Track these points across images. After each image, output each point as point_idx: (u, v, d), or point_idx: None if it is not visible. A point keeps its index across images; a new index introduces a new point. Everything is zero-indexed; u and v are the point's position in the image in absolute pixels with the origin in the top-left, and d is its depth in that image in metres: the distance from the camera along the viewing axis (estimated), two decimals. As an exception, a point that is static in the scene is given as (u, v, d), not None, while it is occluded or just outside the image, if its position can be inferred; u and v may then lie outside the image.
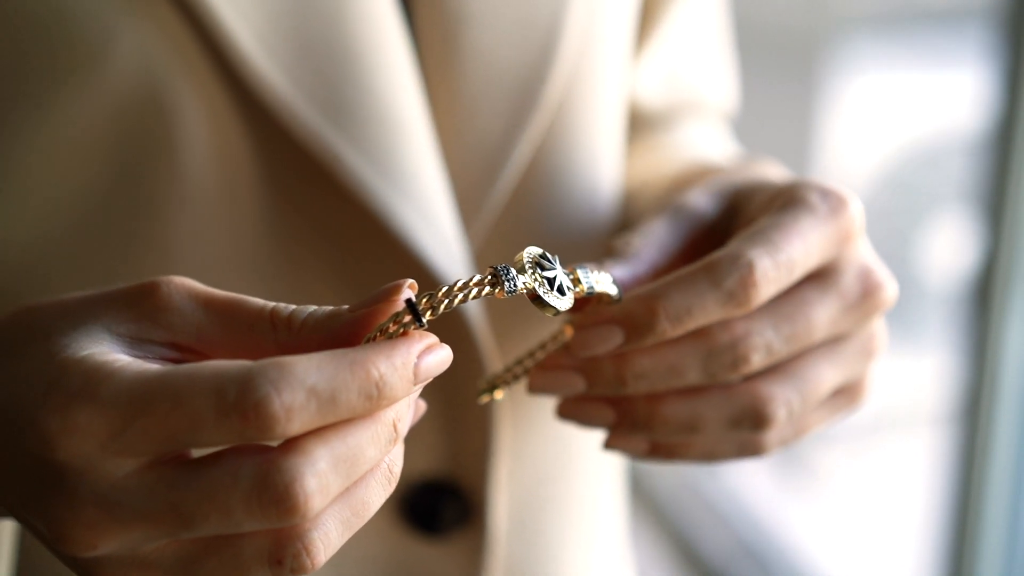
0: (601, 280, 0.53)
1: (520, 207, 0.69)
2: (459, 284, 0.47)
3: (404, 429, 0.47)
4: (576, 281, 0.52)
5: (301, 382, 0.42)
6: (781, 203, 0.57)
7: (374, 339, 0.46)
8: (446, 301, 0.46)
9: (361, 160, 0.61)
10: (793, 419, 0.58)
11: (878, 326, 0.61)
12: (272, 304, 0.48)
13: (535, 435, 0.74)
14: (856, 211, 0.57)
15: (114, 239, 0.62)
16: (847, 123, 2.33)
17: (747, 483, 2.30)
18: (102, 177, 0.61)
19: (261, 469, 0.43)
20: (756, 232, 0.55)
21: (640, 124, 0.83)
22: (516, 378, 0.59)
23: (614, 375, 0.56)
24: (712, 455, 0.60)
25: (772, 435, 0.59)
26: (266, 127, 0.61)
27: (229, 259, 0.63)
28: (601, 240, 0.73)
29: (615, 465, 0.84)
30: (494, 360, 0.67)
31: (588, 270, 0.53)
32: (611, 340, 0.55)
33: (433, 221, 0.63)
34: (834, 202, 0.57)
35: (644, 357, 0.56)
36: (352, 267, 0.65)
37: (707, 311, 0.54)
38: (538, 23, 0.65)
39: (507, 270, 0.48)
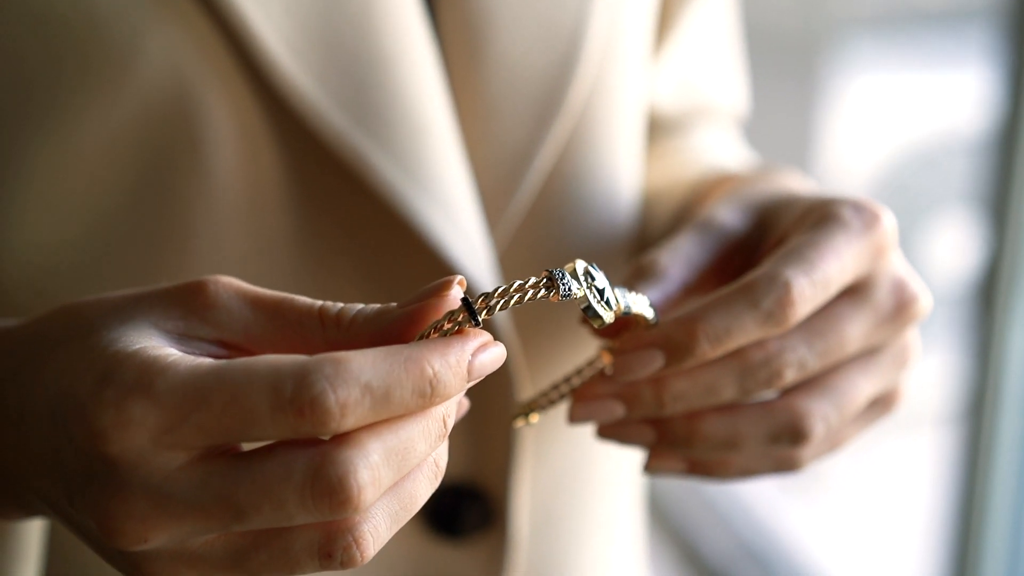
0: (637, 302, 0.53)
1: (544, 210, 0.69)
2: (515, 285, 0.47)
3: (452, 424, 0.47)
4: (609, 301, 0.52)
5: (356, 379, 0.42)
6: (814, 220, 0.58)
7: (428, 336, 0.46)
8: (502, 301, 0.47)
9: (389, 163, 0.61)
10: (830, 433, 0.58)
11: (912, 336, 0.61)
12: (320, 302, 0.48)
13: (557, 440, 0.74)
14: (889, 225, 0.58)
15: (141, 242, 0.62)
16: (848, 124, 2.33)
17: (749, 484, 2.30)
18: (130, 180, 0.61)
19: (314, 462, 0.43)
20: (791, 251, 0.56)
21: (655, 129, 0.83)
22: (552, 403, 0.59)
23: (653, 398, 0.56)
24: (749, 471, 0.61)
25: (808, 450, 0.59)
26: (293, 130, 0.61)
27: (256, 262, 0.63)
28: (623, 244, 0.74)
29: (634, 470, 0.84)
30: (520, 365, 0.67)
31: (624, 291, 0.53)
32: (652, 364, 0.55)
33: (459, 224, 0.63)
34: (867, 217, 0.57)
35: (681, 379, 0.56)
36: (379, 270, 0.65)
37: (746, 332, 0.54)
38: (562, 28, 0.66)
39: (562, 274, 0.48)
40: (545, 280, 0.48)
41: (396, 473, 0.45)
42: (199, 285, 0.48)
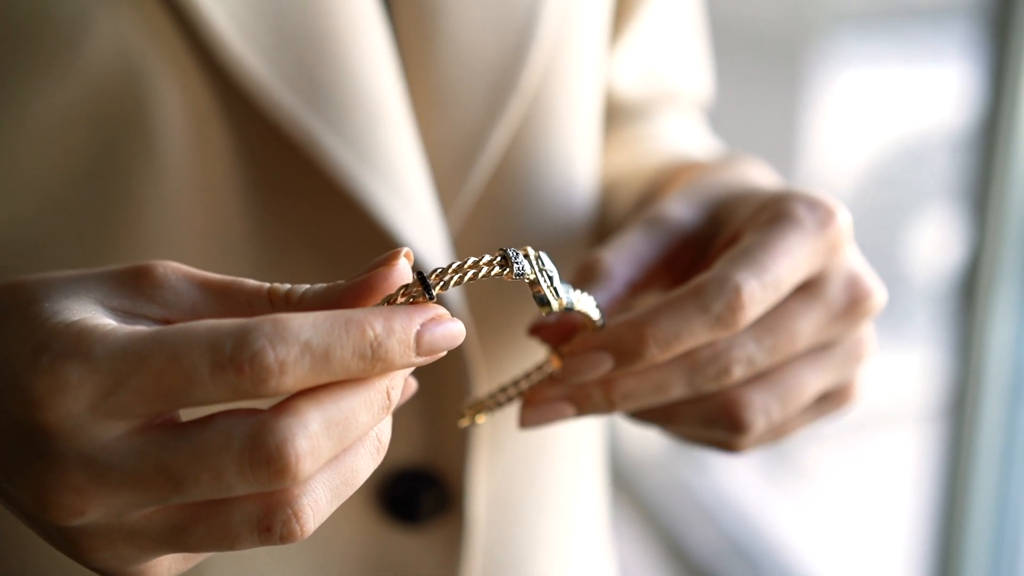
0: (583, 300, 0.53)
1: (498, 193, 0.69)
2: (470, 262, 0.47)
3: (396, 397, 0.46)
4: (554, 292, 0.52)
5: (296, 337, 0.42)
6: (768, 217, 0.57)
7: (392, 301, 0.46)
8: (456, 276, 0.46)
9: (340, 144, 0.61)
10: (772, 425, 0.58)
11: (866, 331, 0.61)
12: (269, 284, 0.48)
13: (513, 426, 0.74)
14: (844, 221, 0.57)
15: (92, 222, 0.62)
16: (833, 119, 2.33)
17: (735, 480, 2.30)
18: (79, 160, 0.60)
19: (253, 430, 0.42)
20: (742, 252, 0.55)
21: (617, 115, 0.83)
22: (500, 405, 0.59)
23: (603, 399, 0.56)
24: (685, 440, 0.61)
25: (748, 438, 0.59)
26: (244, 111, 0.61)
27: (206, 242, 0.63)
28: (579, 229, 0.73)
29: (595, 456, 0.84)
30: (475, 351, 0.67)
31: (570, 288, 0.53)
32: (601, 366, 0.55)
33: (411, 205, 0.63)
34: (821, 214, 0.57)
35: (630, 379, 0.56)
36: (332, 251, 0.65)
37: (695, 335, 0.54)
38: (515, 11, 0.66)
39: (516, 254, 0.48)
40: (499, 258, 0.48)
41: (337, 444, 0.44)
42: (146, 267, 0.48)
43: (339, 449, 0.45)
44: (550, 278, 0.50)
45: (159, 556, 0.46)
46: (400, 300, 0.46)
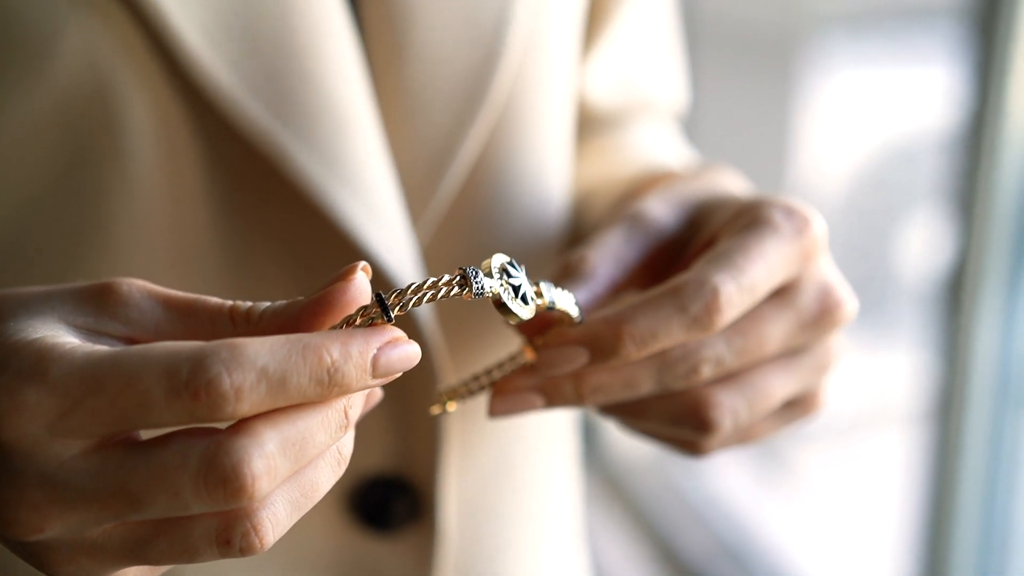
0: (563, 298, 0.54)
1: (468, 203, 0.69)
2: (429, 282, 0.47)
3: (355, 416, 0.47)
4: (539, 294, 0.52)
5: (252, 363, 0.42)
6: (745, 222, 0.57)
7: (344, 325, 0.46)
8: (415, 297, 0.47)
9: (308, 155, 0.61)
10: (739, 427, 0.59)
11: (835, 340, 0.61)
12: (231, 302, 0.48)
13: (484, 433, 0.74)
14: (819, 230, 0.58)
15: (64, 231, 0.62)
16: (824, 121, 2.33)
17: (726, 482, 2.30)
18: (48, 170, 0.61)
19: (209, 450, 0.43)
20: (721, 255, 0.56)
21: (591, 124, 0.83)
22: (471, 393, 0.59)
23: (573, 391, 0.57)
24: (657, 442, 0.61)
25: (713, 440, 0.59)
26: (213, 122, 0.61)
27: (176, 250, 0.63)
28: (551, 239, 0.73)
29: (568, 461, 0.84)
30: (443, 358, 0.67)
31: (551, 285, 0.53)
32: (576, 360, 0.55)
33: (380, 216, 0.63)
34: (798, 222, 0.57)
35: (601, 373, 0.56)
36: (299, 261, 0.65)
37: (672, 335, 0.54)
38: (484, 21, 0.66)
39: (475, 272, 0.48)
40: (459, 278, 0.48)
41: (294, 463, 0.44)
42: (110, 285, 0.48)
43: (296, 468, 0.45)
44: (515, 289, 0.50)
45: (122, 569, 0.47)
46: (359, 321, 0.46)
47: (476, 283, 0.48)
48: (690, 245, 0.62)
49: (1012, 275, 1.44)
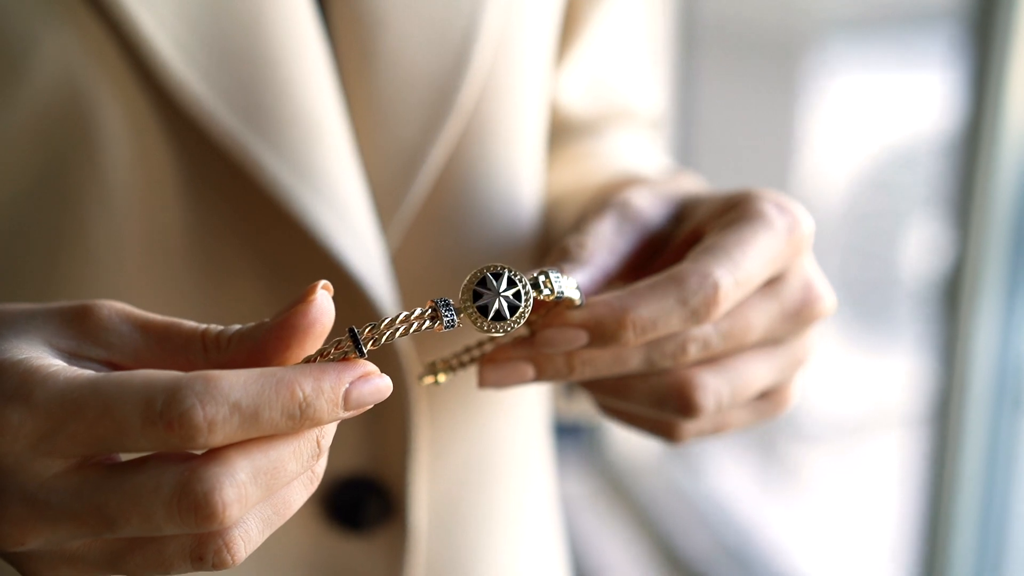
0: (568, 285, 0.55)
1: (437, 208, 0.70)
2: (401, 317, 0.49)
3: (327, 443, 0.48)
4: (547, 284, 0.53)
5: (226, 397, 0.44)
6: (739, 215, 0.59)
7: (314, 360, 0.47)
8: (387, 333, 0.48)
9: (278, 163, 0.62)
10: (720, 411, 0.60)
11: (811, 336, 0.63)
12: (203, 327, 0.49)
13: (455, 436, 0.75)
14: (808, 228, 0.59)
15: (40, 239, 0.63)
16: (826, 124, 2.34)
17: (728, 483, 2.31)
18: (24, 177, 0.62)
19: (183, 477, 0.44)
20: (719, 248, 0.57)
21: (566, 132, 0.84)
22: (462, 365, 0.60)
23: (564, 365, 0.58)
24: (633, 424, 0.62)
25: (692, 425, 0.61)
26: (186, 131, 0.62)
27: (150, 257, 0.64)
28: (522, 245, 0.74)
29: (543, 466, 0.85)
30: (412, 359, 0.68)
31: (559, 275, 0.54)
32: (576, 342, 0.56)
33: (350, 222, 0.64)
34: (790, 218, 0.59)
35: (593, 349, 0.57)
36: (272, 267, 0.66)
37: (670, 326, 0.56)
38: (453, 29, 0.67)
39: (447, 305, 0.50)
40: (430, 311, 0.49)
41: (265, 491, 0.46)
42: (88, 308, 0.50)
43: (267, 495, 0.46)
44: (482, 311, 0.51)
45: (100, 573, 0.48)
46: (333, 353, 0.47)
47: (447, 316, 0.49)
48: (672, 238, 0.63)
49: (1010, 279, 1.44)
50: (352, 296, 0.64)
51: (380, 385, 0.47)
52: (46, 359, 0.46)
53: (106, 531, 0.45)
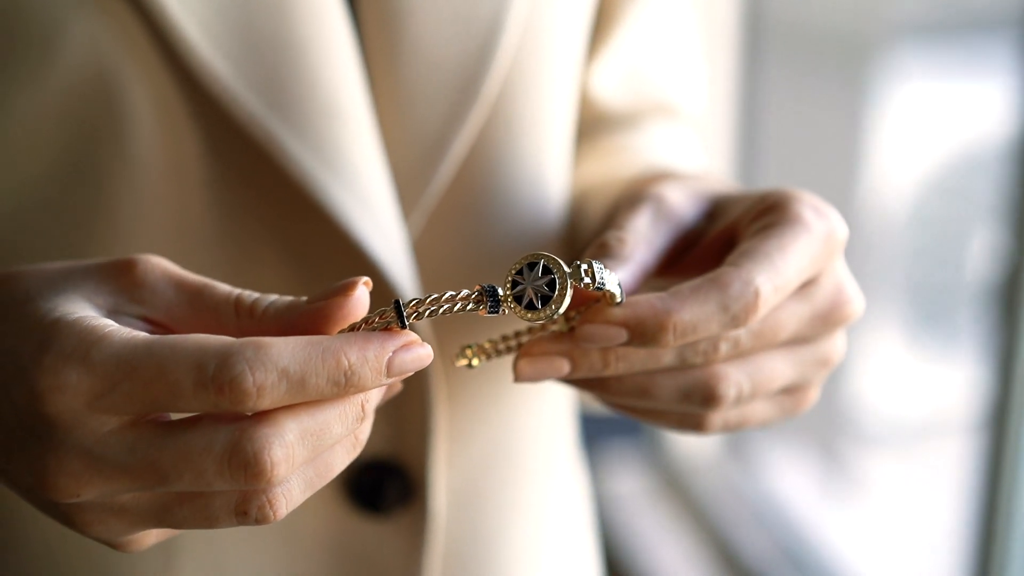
0: (610, 279, 0.56)
1: (460, 197, 0.71)
2: (447, 296, 0.50)
3: (372, 408, 0.50)
4: (589, 272, 0.54)
5: (275, 364, 0.46)
6: (778, 219, 0.59)
7: (358, 328, 0.49)
8: (431, 309, 0.50)
9: (301, 147, 0.63)
10: (740, 403, 0.60)
11: (839, 338, 0.63)
12: (238, 292, 0.52)
13: (476, 423, 0.76)
14: (843, 233, 0.60)
15: (70, 217, 0.65)
16: (894, 129, 2.32)
17: (786, 485, 2.30)
18: (54, 162, 0.64)
19: (233, 436, 0.47)
20: (761, 253, 0.57)
21: (601, 124, 0.84)
22: (498, 353, 0.61)
23: (600, 359, 0.58)
24: (656, 421, 0.63)
25: (717, 416, 0.61)
26: (211, 113, 0.63)
27: (176, 238, 0.66)
28: (546, 234, 0.75)
29: (568, 457, 0.85)
30: (429, 339, 0.69)
31: (602, 267, 0.55)
32: (616, 340, 0.57)
33: (372, 208, 0.65)
34: (827, 224, 0.60)
35: (630, 347, 0.58)
36: (295, 250, 0.67)
37: (710, 329, 0.56)
38: (479, 17, 0.67)
39: (493, 293, 0.51)
40: (476, 294, 0.51)
41: (311, 452, 0.48)
42: (129, 263, 0.52)
43: (313, 456, 0.49)
44: (517, 299, 0.52)
45: (146, 530, 0.51)
46: (377, 321, 0.49)
47: (491, 302, 0.51)
48: (703, 235, 0.64)
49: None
50: (373, 284, 0.66)
51: (422, 353, 0.49)
52: (100, 319, 0.49)
53: (158, 486, 0.48)
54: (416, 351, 0.49)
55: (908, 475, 2.42)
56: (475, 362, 0.61)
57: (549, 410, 0.82)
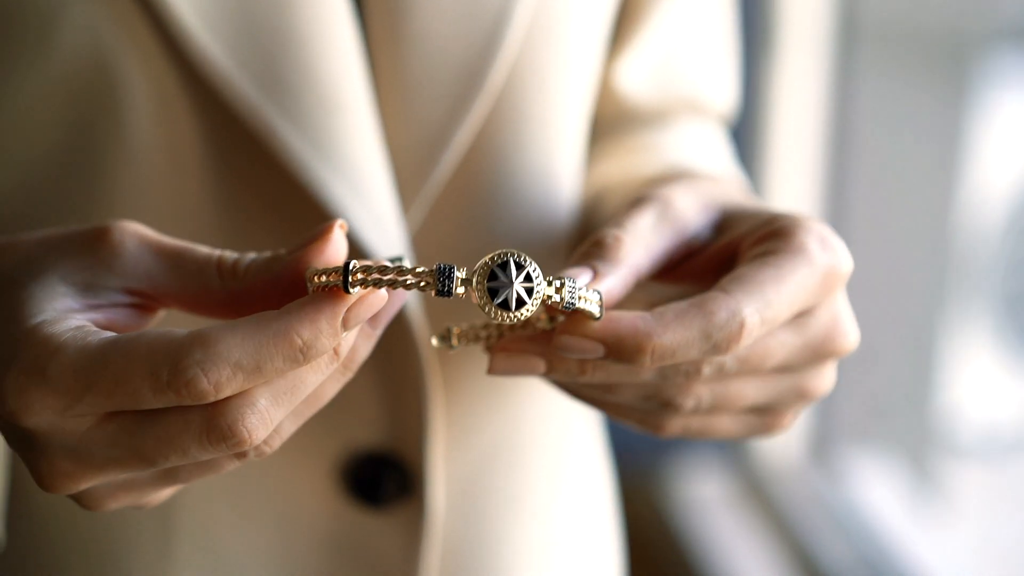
0: (588, 298, 0.54)
1: (462, 191, 0.70)
2: (396, 268, 0.50)
3: (346, 348, 0.50)
4: (559, 291, 0.53)
5: (226, 359, 0.47)
6: (779, 246, 0.58)
7: (312, 280, 0.49)
8: (378, 279, 0.49)
9: (296, 136, 0.63)
10: (700, 412, 0.60)
11: (827, 371, 0.62)
12: (218, 252, 0.52)
13: (477, 419, 0.75)
14: (847, 267, 0.59)
15: (69, 198, 0.66)
16: (995, 135, 2.27)
17: (872, 494, 2.26)
18: (54, 145, 0.64)
19: (207, 413, 0.48)
20: (754, 281, 0.56)
21: (627, 121, 0.82)
22: (477, 339, 0.60)
23: (576, 367, 0.58)
24: (618, 415, 0.62)
25: (676, 420, 0.60)
26: (208, 100, 0.64)
27: (173, 222, 0.66)
28: (553, 232, 0.74)
29: (584, 460, 0.84)
30: (424, 333, 0.69)
31: (576, 285, 0.54)
32: (592, 354, 0.56)
33: (366, 198, 0.64)
34: (831, 257, 0.58)
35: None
36: (289, 237, 0.66)
37: (689, 355, 0.55)
38: (485, 11, 0.67)
39: (448, 273, 0.50)
40: (427, 272, 0.50)
41: (289, 405, 0.49)
42: (103, 231, 0.52)
43: (293, 405, 0.50)
44: (491, 293, 0.51)
45: (161, 491, 0.53)
46: (327, 278, 0.49)
47: (442, 283, 0.50)
48: (709, 244, 0.63)
49: None
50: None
51: (374, 301, 0.49)
52: (57, 324, 0.49)
53: (148, 468, 0.49)
54: (367, 300, 0.49)
55: (1000, 489, 2.36)
56: (455, 343, 0.60)
57: (560, 409, 0.80)
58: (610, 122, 0.83)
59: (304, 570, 0.73)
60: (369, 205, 0.65)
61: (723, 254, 0.62)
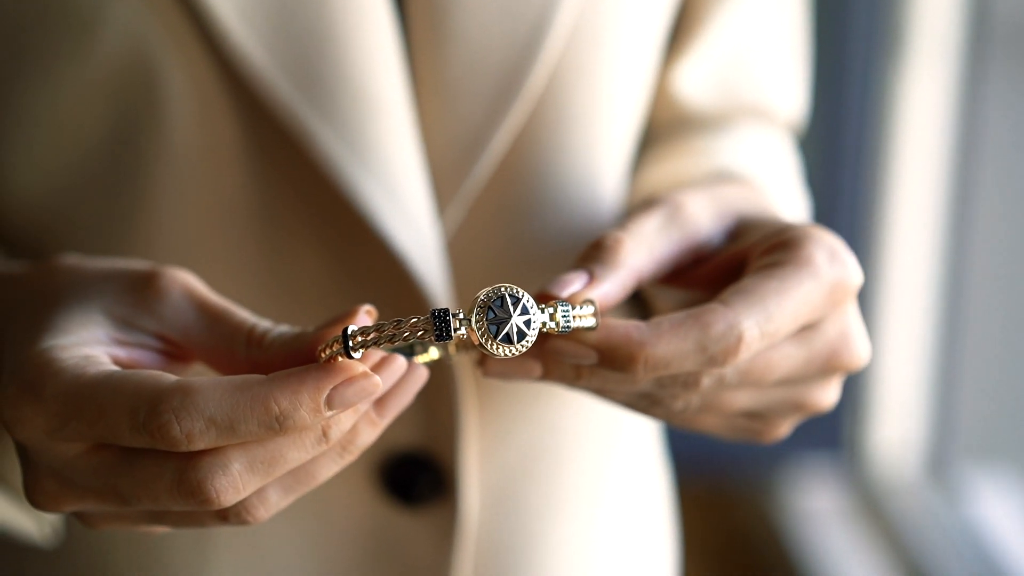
0: (582, 315, 0.54)
1: (501, 193, 0.70)
2: (395, 322, 0.50)
3: (337, 434, 0.51)
4: (554, 318, 0.53)
5: (200, 412, 0.48)
6: (786, 258, 0.57)
7: (321, 352, 0.50)
8: (376, 338, 0.50)
9: (332, 136, 0.63)
10: (688, 411, 0.59)
11: (831, 386, 0.61)
12: (253, 322, 0.54)
13: (512, 423, 0.75)
14: (856, 281, 0.58)
15: (111, 195, 0.67)
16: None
17: (990, 512, 2.19)
18: (100, 142, 0.66)
19: (180, 465, 0.49)
20: (755, 294, 0.56)
21: (686, 126, 0.81)
22: (469, 348, 0.60)
23: (572, 374, 0.58)
24: (604, 395, 0.62)
25: (660, 410, 0.60)
26: (247, 99, 0.64)
27: (211, 218, 0.67)
28: (588, 237, 0.71)
29: (630, 468, 0.82)
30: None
31: (568, 310, 0.54)
32: (586, 360, 0.56)
33: (401, 201, 0.64)
34: (839, 271, 0.57)
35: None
36: (325, 237, 0.68)
37: (684, 367, 0.55)
38: (527, 13, 0.66)
39: (444, 317, 0.50)
40: (424, 320, 0.50)
41: (266, 476, 0.50)
42: (152, 275, 0.55)
43: (271, 478, 0.50)
44: (496, 327, 0.51)
45: (148, 528, 0.55)
46: (324, 352, 0.50)
47: (441, 330, 0.50)
48: (719, 252, 0.62)
49: None
50: (399, 277, 0.65)
51: (365, 385, 0.49)
52: (67, 349, 0.52)
53: (124, 506, 0.51)
54: (358, 383, 0.49)
55: None
56: (451, 351, 0.60)
57: (601, 413, 0.79)
58: (666, 127, 0.82)
59: (338, 566, 0.73)
60: (403, 206, 0.65)
61: (733, 262, 0.61)
